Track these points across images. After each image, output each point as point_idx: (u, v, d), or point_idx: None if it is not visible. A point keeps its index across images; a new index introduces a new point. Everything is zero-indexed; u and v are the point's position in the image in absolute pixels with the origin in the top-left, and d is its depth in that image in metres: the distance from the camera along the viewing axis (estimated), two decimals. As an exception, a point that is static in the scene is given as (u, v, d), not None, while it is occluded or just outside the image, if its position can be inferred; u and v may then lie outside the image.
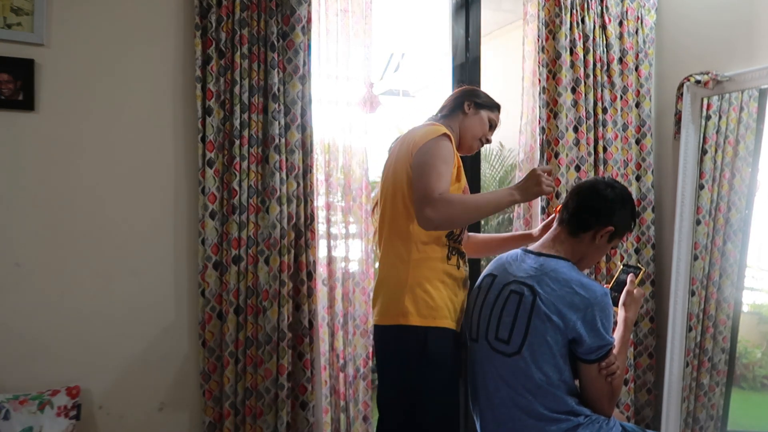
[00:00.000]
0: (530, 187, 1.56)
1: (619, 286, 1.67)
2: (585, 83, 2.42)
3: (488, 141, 1.80)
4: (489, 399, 1.53)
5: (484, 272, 1.67)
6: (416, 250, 1.56)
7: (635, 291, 1.64)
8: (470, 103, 1.75)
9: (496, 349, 1.50)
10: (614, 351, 1.47)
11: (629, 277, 1.66)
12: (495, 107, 1.80)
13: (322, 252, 2.11)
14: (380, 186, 1.72)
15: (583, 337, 1.41)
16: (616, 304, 1.65)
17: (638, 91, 2.53)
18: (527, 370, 1.44)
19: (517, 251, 1.62)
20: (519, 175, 2.49)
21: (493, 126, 1.79)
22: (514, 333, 1.46)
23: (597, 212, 1.54)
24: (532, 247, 1.61)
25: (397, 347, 1.56)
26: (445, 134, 1.57)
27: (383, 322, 1.59)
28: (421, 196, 1.48)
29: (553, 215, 1.68)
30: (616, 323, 1.61)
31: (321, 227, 2.11)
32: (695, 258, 2.39)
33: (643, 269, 1.74)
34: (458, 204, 1.52)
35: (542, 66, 2.38)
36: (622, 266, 1.74)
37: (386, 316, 1.57)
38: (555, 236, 1.59)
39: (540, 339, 1.43)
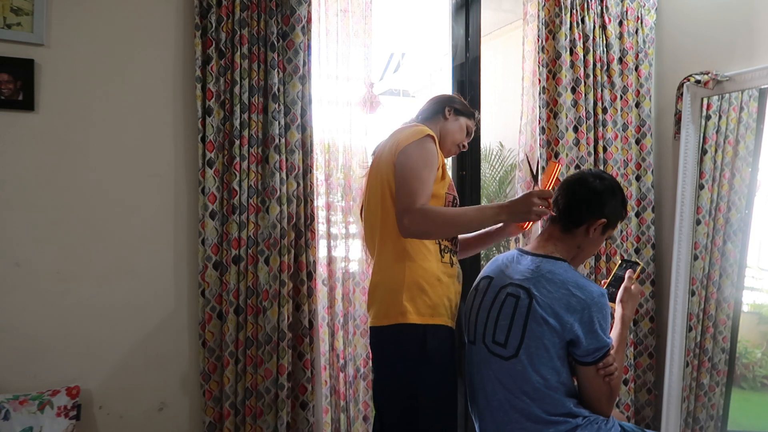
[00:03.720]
0: (520, 211, 1.51)
1: (617, 281, 1.66)
2: (585, 83, 2.42)
3: (465, 148, 1.80)
4: (487, 401, 1.52)
5: (480, 274, 1.67)
6: (410, 249, 1.54)
7: (633, 287, 1.62)
8: (450, 108, 1.74)
9: (494, 352, 1.49)
10: (612, 351, 1.46)
11: (627, 273, 1.65)
12: (472, 115, 1.80)
13: (322, 252, 2.11)
14: (365, 190, 1.70)
15: (581, 339, 1.41)
16: (613, 300, 1.63)
17: (638, 91, 2.53)
18: (524, 373, 1.43)
19: (513, 252, 1.61)
20: (519, 175, 2.49)
21: (469, 133, 1.80)
22: (510, 336, 1.46)
23: (588, 205, 1.53)
24: (527, 247, 1.61)
25: (396, 346, 1.55)
26: (429, 135, 1.55)
27: (381, 323, 1.56)
28: (403, 205, 1.47)
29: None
30: (614, 319, 1.60)
31: (321, 227, 2.11)
32: (695, 258, 2.39)
33: (641, 265, 1.72)
34: (438, 219, 1.51)
35: (542, 66, 2.38)
36: (620, 262, 1.73)
37: (385, 317, 1.55)
38: (549, 234, 1.58)
39: (537, 342, 1.42)
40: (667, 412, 2.34)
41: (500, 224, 1.78)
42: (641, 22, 2.53)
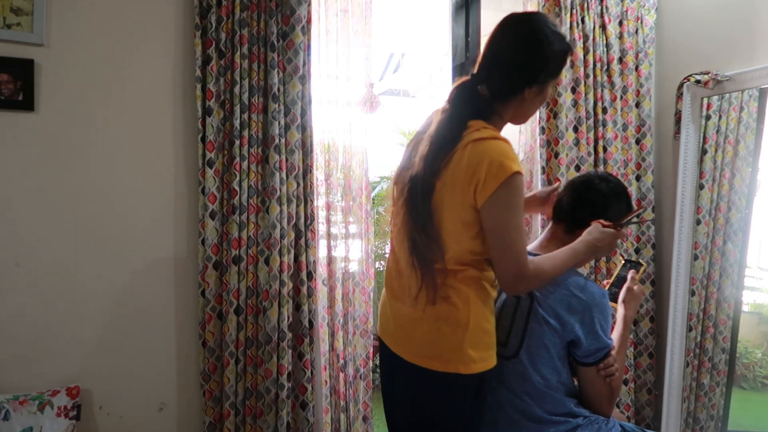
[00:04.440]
0: (604, 249, 1.44)
1: (620, 282, 1.65)
2: (585, 83, 2.42)
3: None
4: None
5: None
6: (479, 288, 1.30)
7: (635, 288, 1.62)
8: (532, 87, 1.31)
9: None
10: (613, 351, 1.46)
11: (630, 273, 1.65)
12: (564, 65, 1.37)
13: (322, 252, 2.11)
14: (407, 181, 1.32)
15: (581, 340, 1.40)
16: (615, 300, 1.63)
17: (638, 91, 2.53)
18: (525, 373, 1.43)
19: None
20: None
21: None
22: (511, 336, 1.46)
23: (592, 207, 1.52)
24: (529, 247, 1.61)
25: (452, 392, 1.31)
26: (518, 172, 1.22)
27: (436, 367, 1.28)
28: (515, 271, 1.25)
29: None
30: (615, 321, 1.60)
31: (321, 227, 2.11)
32: (695, 258, 2.39)
33: (644, 265, 1.72)
34: (548, 277, 1.33)
35: (542, 66, 2.38)
36: (623, 261, 1.72)
37: (443, 362, 1.28)
38: (552, 235, 1.58)
39: (538, 342, 1.42)
40: (667, 412, 2.34)
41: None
42: (641, 22, 2.53)
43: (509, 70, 1.31)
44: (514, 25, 1.33)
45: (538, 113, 2.40)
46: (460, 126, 1.28)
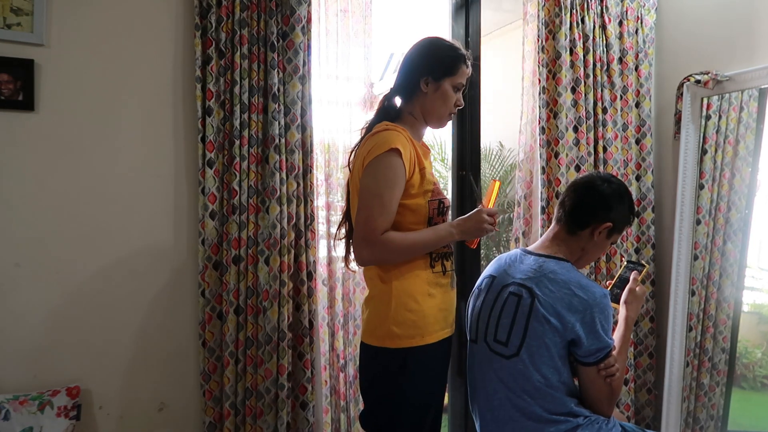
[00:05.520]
0: (471, 228, 1.49)
1: (622, 283, 1.66)
2: (585, 83, 2.42)
3: (459, 106, 1.58)
4: (488, 400, 1.53)
5: (483, 273, 1.67)
6: (397, 265, 1.46)
7: (638, 289, 1.63)
8: (426, 79, 1.51)
9: (495, 350, 1.50)
10: (614, 352, 1.46)
11: (632, 275, 1.65)
12: (456, 66, 1.52)
13: (322, 252, 2.11)
14: (347, 198, 1.62)
15: (582, 339, 1.41)
16: (617, 301, 1.64)
17: (638, 91, 2.53)
18: (526, 372, 1.43)
19: (517, 251, 1.61)
20: (519, 175, 2.49)
21: (460, 87, 1.56)
22: (512, 335, 1.46)
23: (594, 208, 1.53)
24: (531, 247, 1.61)
25: (378, 365, 1.49)
26: (393, 149, 1.39)
27: (367, 340, 1.51)
28: (362, 234, 1.40)
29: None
30: (616, 322, 1.60)
31: (321, 227, 2.11)
32: (695, 258, 2.39)
33: (647, 267, 1.72)
34: (396, 248, 1.42)
35: (542, 66, 2.38)
36: (625, 263, 1.73)
37: (371, 335, 1.49)
38: (553, 235, 1.58)
39: (538, 341, 1.42)
40: (667, 412, 2.34)
41: None
42: (641, 22, 2.53)
43: (405, 67, 1.56)
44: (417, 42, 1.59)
45: (537, 113, 2.40)
46: (369, 130, 1.54)
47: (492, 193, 1.60)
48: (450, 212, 1.63)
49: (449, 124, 1.67)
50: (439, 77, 1.52)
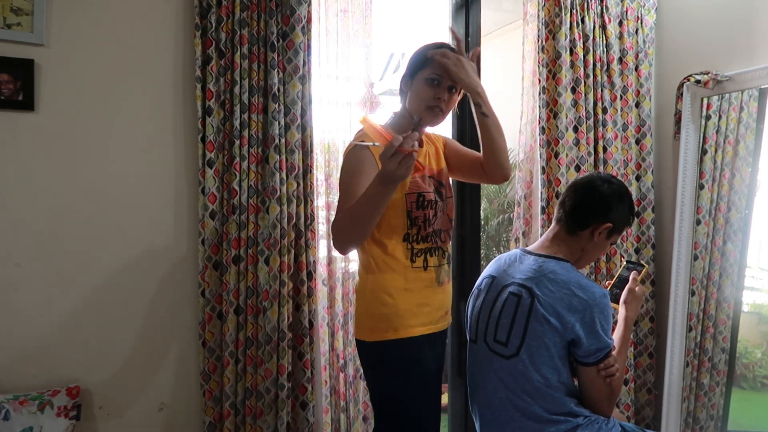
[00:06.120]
0: (388, 171, 1.22)
1: (621, 283, 1.66)
2: (585, 83, 2.42)
3: (439, 101, 1.50)
4: (488, 400, 1.53)
5: (483, 273, 1.67)
6: (375, 260, 1.51)
7: (637, 289, 1.63)
8: (406, 79, 1.58)
9: (495, 351, 1.50)
10: (614, 352, 1.46)
11: (632, 275, 1.65)
12: (426, 61, 1.51)
13: (322, 252, 2.11)
14: None
15: (582, 339, 1.41)
16: (617, 301, 1.64)
17: (638, 91, 2.53)
18: (525, 372, 1.43)
19: (517, 251, 1.61)
20: (519, 175, 2.49)
21: (437, 81, 1.50)
22: (512, 335, 1.46)
23: (594, 209, 1.52)
24: (531, 247, 1.61)
25: (362, 358, 1.60)
26: (357, 145, 1.46)
27: (354, 334, 1.61)
28: (334, 220, 1.46)
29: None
30: (616, 322, 1.60)
31: (321, 227, 2.11)
32: (695, 258, 2.39)
33: (646, 267, 1.72)
34: (340, 221, 1.39)
35: (542, 66, 2.38)
36: (625, 263, 1.73)
37: (356, 329, 1.59)
38: (553, 235, 1.58)
39: (538, 341, 1.42)
40: (667, 412, 2.34)
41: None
42: (641, 22, 2.53)
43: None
44: None
45: (537, 113, 2.40)
46: None
47: (372, 128, 1.27)
48: (444, 208, 1.61)
49: (449, 124, 1.67)
50: (413, 74, 1.56)
